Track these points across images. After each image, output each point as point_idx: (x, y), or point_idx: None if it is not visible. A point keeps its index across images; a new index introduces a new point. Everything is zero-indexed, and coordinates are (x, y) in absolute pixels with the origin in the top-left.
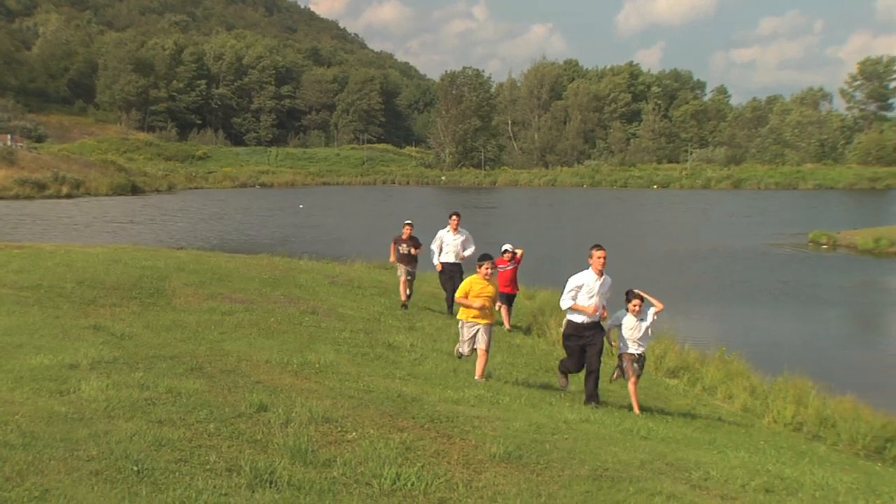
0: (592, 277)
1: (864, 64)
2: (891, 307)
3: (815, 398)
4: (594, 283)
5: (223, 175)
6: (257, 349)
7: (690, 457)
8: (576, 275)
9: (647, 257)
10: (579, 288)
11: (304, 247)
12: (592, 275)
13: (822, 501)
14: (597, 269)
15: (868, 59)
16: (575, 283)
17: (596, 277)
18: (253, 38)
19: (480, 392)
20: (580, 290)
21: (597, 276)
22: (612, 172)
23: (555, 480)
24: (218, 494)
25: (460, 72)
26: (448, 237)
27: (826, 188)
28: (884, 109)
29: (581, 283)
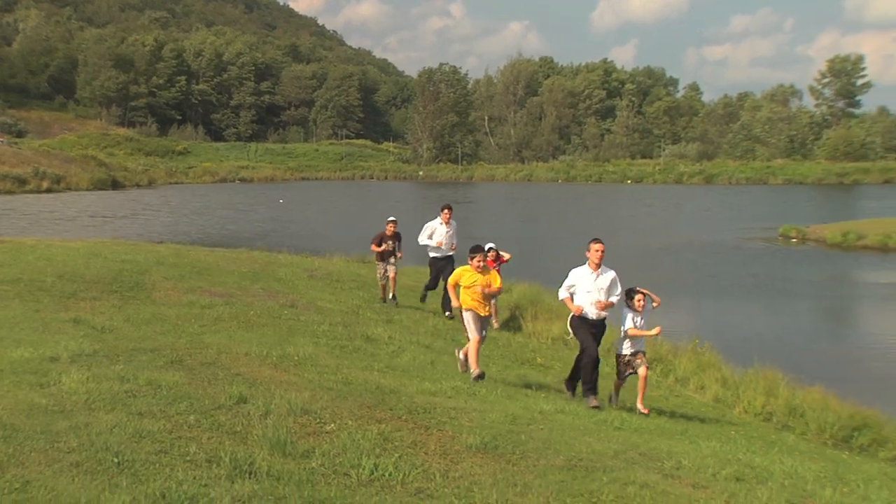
0: (587, 272)
1: (832, 62)
2: (858, 300)
3: (784, 389)
4: (589, 277)
5: (203, 170)
6: (237, 342)
7: (663, 447)
8: (574, 269)
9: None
10: (574, 283)
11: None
12: (587, 269)
13: (790, 489)
14: (593, 262)
15: (836, 57)
16: (571, 278)
17: (591, 272)
18: (232, 35)
19: (457, 384)
20: (576, 285)
21: (592, 271)
22: (587, 168)
23: (530, 470)
24: (198, 485)
25: (437, 68)
26: (441, 229)
27: (795, 183)
28: (851, 106)
29: (577, 278)
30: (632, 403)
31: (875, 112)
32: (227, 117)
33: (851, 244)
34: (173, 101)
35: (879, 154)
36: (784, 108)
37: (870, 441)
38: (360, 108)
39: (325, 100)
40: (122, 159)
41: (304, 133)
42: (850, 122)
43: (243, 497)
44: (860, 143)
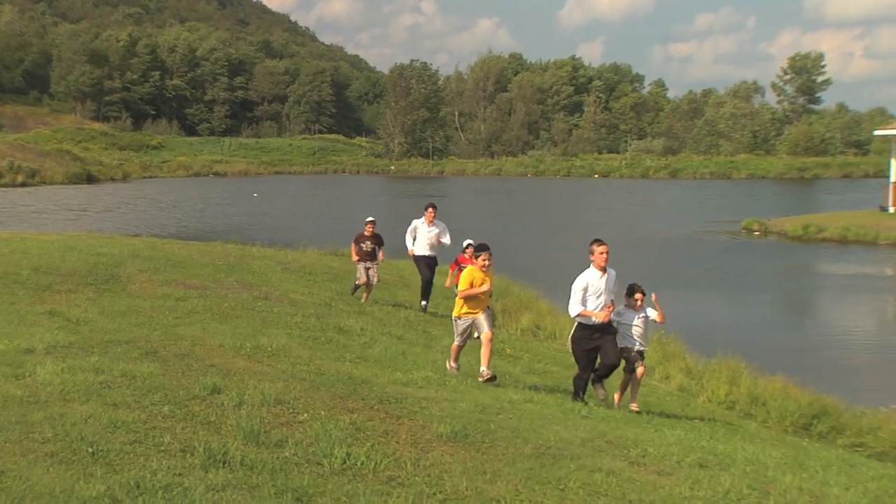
0: (596, 275)
1: (793, 59)
2: (818, 291)
3: (746, 378)
4: (599, 281)
5: (177, 164)
6: (211, 334)
7: (629, 435)
8: (580, 276)
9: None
10: (585, 290)
11: (259, 234)
12: (595, 272)
13: (752, 475)
14: (599, 265)
15: (797, 55)
16: (580, 285)
17: (600, 274)
18: (206, 31)
19: (428, 374)
20: (586, 291)
21: (600, 273)
22: (556, 162)
23: (499, 458)
24: (172, 474)
25: (409, 65)
26: (423, 228)
27: (758, 178)
28: (812, 103)
29: (586, 283)
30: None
31: (834, 108)
32: (200, 112)
33: (812, 237)
34: (147, 96)
35: (839, 149)
36: (747, 104)
37: (829, 428)
38: (332, 104)
39: (297, 95)
40: (96, 153)
41: (278, 128)
42: (811, 119)
43: (217, 486)
44: (820, 138)
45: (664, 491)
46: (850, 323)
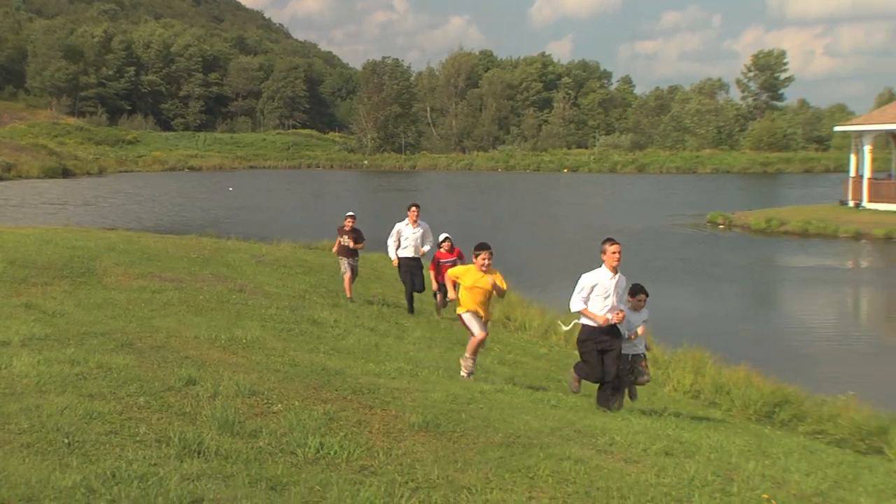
0: (607, 276)
1: (757, 56)
2: (781, 283)
3: (711, 368)
4: (609, 282)
5: (153, 159)
6: (186, 326)
7: (597, 423)
8: (588, 273)
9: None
10: (592, 287)
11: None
12: (607, 272)
13: (716, 462)
14: (611, 265)
15: (760, 52)
16: (587, 282)
17: (611, 275)
18: (181, 28)
19: (401, 365)
20: (593, 290)
21: (612, 274)
22: (525, 157)
23: (470, 447)
24: (147, 464)
25: (381, 61)
26: (407, 230)
27: (722, 172)
28: (775, 99)
29: (595, 283)
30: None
31: (796, 105)
32: (175, 107)
33: (774, 230)
34: (123, 91)
35: (800, 144)
36: (712, 100)
37: (790, 416)
38: (306, 99)
39: (272, 91)
40: (72, 148)
41: (252, 123)
42: (774, 115)
43: (192, 475)
44: (783, 134)
45: (631, 478)
46: (812, 314)
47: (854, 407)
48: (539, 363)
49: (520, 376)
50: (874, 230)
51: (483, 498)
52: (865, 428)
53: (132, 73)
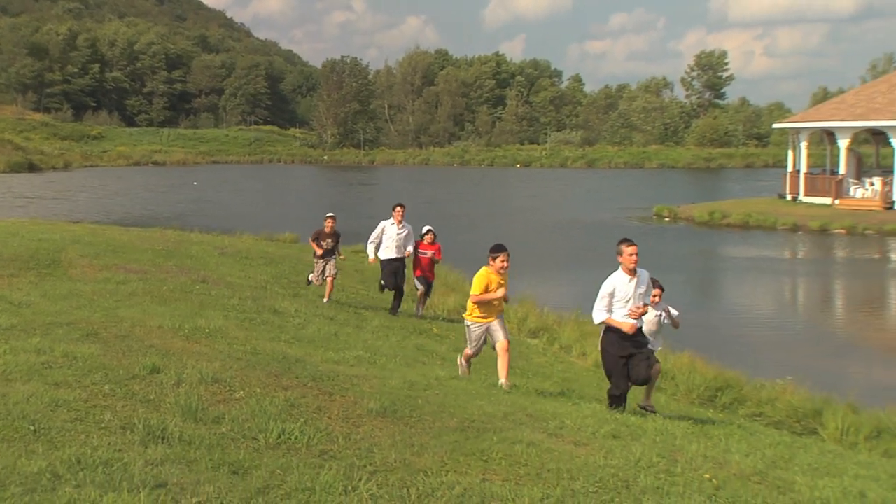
0: (624, 279)
1: (699, 57)
2: (723, 273)
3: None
4: (628, 285)
5: (117, 154)
6: (150, 315)
7: (548, 408)
8: (607, 279)
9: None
10: (612, 294)
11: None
12: (623, 276)
13: (661, 444)
14: (628, 267)
15: (703, 53)
16: (606, 290)
17: (628, 278)
18: (145, 26)
19: (359, 353)
20: (613, 296)
21: (629, 277)
22: (480, 152)
23: (426, 432)
24: (112, 450)
25: (340, 60)
26: (392, 230)
27: (668, 167)
28: (717, 97)
29: (613, 288)
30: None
31: (737, 103)
32: (140, 104)
33: (717, 222)
34: (87, 88)
35: (741, 141)
36: (657, 98)
37: (731, 400)
38: (267, 96)
39: (234, 88)
40: (38, 143)
41: (215, 119)
42: (716, 112)
43: (156, 461)
44: (724, 131)
45: (580, 460)
46: (752, 302)
47: (791, 391)
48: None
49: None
50: (810, 222)
51: (439, 480)
52: (801, 410)
53: (97, 71)
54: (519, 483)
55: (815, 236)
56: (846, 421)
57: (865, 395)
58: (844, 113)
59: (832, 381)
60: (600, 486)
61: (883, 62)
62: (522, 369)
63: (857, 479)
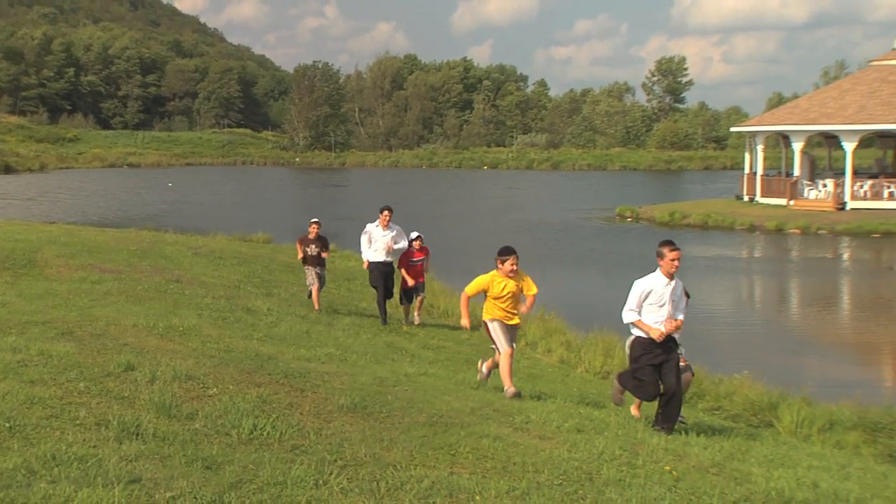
0: (662, 282)
1: (660, 62)
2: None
3: (620, 350)
4: (664, 289)
5: (93, 156)
6: (125, 314)
7: (514, 404)
8: (641, 279)
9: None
10: (646, 295)
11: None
12: (662, 279)
13: (623, 438)
14: (668, 271)
15: (663, 59)
16: (641, 289)
17: (666, 282)
18: (119, 31)
19: (330, 350)
20: (647, 297)
21: (667, 281)
22: (448, 155)
23: (396, 427)
24: (87, 446)
25: (312, 65)
26: (377, 232)
27: (630, 169)
28: (677, 102)
29: (649, 289)
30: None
31: (696, 107)
32: (115, 107)
33: (677, 223)
34: (63, 91)
35: (700, 144)
36: (620, 102)
37: (691, 394)
38: (240, 100)
39: (207, 92)
40: (13, 146)
41: (189, 122)
42: (676, 116)
43: (130, 456)
44: (684, 134)
45: (545, 453)
46: (711, 300)
47: (748, 385)
48: (461, 348)
49: (443, 360)
50: (766, 223)
51: (407, 474)
52: (758, 404)
53: (72, 75)
54: (486, 476)
55: (771, 236)
56: (800, 414)
57: (819, 390)
58: (798, 117)
59: (788, 376)
60: (564, 479)
61: (834, 69)
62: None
63: (810, 470)
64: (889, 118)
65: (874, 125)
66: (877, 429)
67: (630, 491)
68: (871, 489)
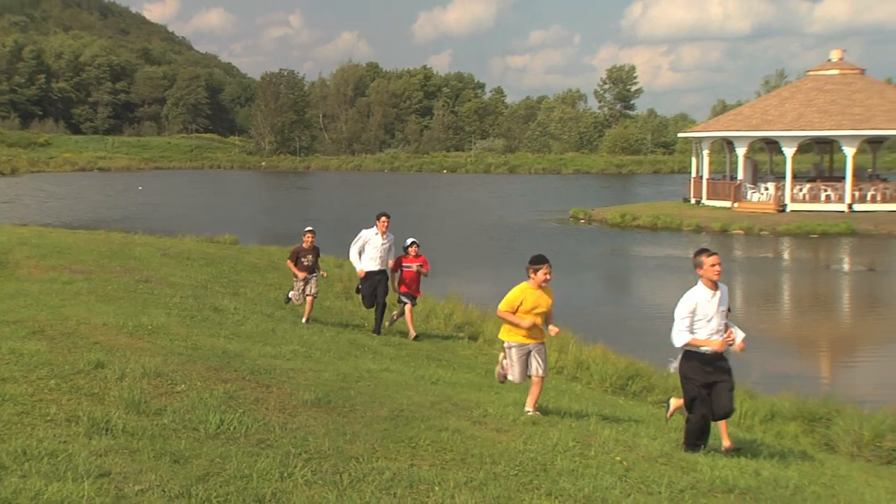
0: (706, 294)
1: (611, 71)
2: (633, 271)
3: (573, 347)
4: (710, 302)
5: (64, 160)
6: (95, 314)
7: (472, 398)
8: (685, 297)
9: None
10: (693, 312)
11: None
12: (705, 291)
13: (577, 430)
14: (711, 280)
15: (614, 67)
16: (687, 308)
17: (710, 293)
18: (89, 39)
19: (295, 348)
20: (694, 314)
21: (711, 291)
22: (409, 159)
23: (358, 420)
24: (57, 442)
25: (278, 73)
26: (375, 239)
27: (583, 173)
28: (627, 109)
29: (693, 306)
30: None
31: (646, 114)
32: (85, 113)
33: (628, 224)
34: (34, 97)
35: (649, 149)
36: (573, 109)
37: (641, 388)
38: (207, 106)
39: (175, 98)
40: None
41: (158, 127)
42: (626, 122)
43: (100, 451)
44: (634, 139)
45: (502, 446)
46: (660, 298)
47: None
48: (421, 345)
49: (404, 356)
50: (712, 224)
51: (370, 466)
52: None
53: (43, 81)
54: (445, 468)
55: (716, 237)
56: (744, 406)
57: (761, 383)
58: (741, 124)
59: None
60: (520, 470)
61: (775, 78)
62: (449, 361)
63: (752, 459)
64: (825, 125)
65: (811, 132)
66: (814, 419)
67: (583, 480)
68: (809, 476)
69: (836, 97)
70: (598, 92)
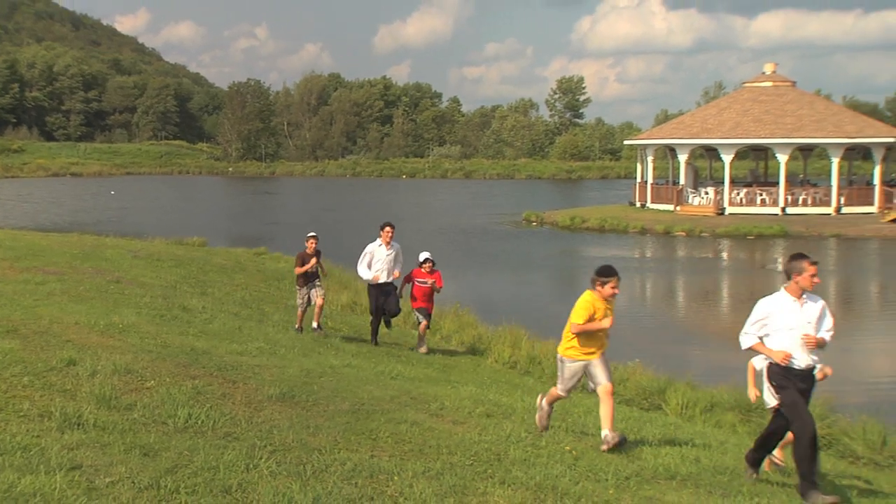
0: (787, 301)
1: (561, 82)
2: (582, 270)
3: (526, 342)
4: (791, 309)
5: (37, 166)
6: (68, 313)
7: (430, 392)
8: (765, 299)
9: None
10: (767, 318)
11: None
12: (787, 299)
13: (529, 422)
14: (798, 290)
15: (564, 78)
16: (762, 313)
17: (793, 301)
18: (62, 50)
19: (261, 345)
20: (770, 319)
21: (795, 300)
22: (370, 165)
23: (321, 414)
24: (30, 436)
25: (245, 82)
26: (380, 252)
27: (535, 178)
28: (577, 117)
29: (769, 311)
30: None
31: (594, 122)
32: (58, 120)
33: (577, 226)
34: (8, 106)
35: (597, 155)
36: (525, 117)
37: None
38: (176, 114)
39: (146, 106)
40: None
41: (128, 134)
42: (576, 130)
43: (72, 445)
44: (583, 146)
45: (458, 437)
46: None
47: (639, 372)
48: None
49: (365, 353)
50: (656, 226)
51: (332, 457)
52: (648, 389)
53: (17, 90)
54: (404, 458)
55: (660, 238)
56: (685, 397)
57: (702, 375)
58: (683, 132)
59: (674, 364)
60: (475, 459)
61: (713, 89)
62: (408, 357)
63: (693, 448)
64: (760, 133)
65: (748, 139)
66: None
67: (534, 469)
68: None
69: (770, 107)
70: (549, 101)
